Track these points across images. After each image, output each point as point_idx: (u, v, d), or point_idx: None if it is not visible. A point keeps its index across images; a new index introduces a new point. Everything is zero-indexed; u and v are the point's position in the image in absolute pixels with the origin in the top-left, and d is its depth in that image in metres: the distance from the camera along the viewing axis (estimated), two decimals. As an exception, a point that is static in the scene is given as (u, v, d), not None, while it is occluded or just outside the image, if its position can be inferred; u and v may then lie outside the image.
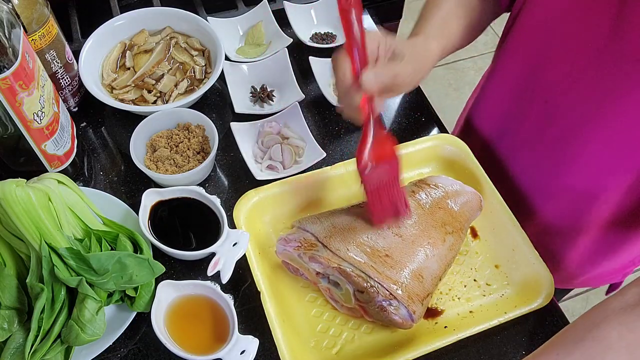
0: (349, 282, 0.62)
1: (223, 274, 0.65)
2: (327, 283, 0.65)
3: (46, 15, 0.73)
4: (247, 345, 0.61)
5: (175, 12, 0.90)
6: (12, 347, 0.58)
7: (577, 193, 0.74)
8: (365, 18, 1.03)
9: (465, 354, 0.66)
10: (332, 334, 0.66)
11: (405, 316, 0.61)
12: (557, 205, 0.78)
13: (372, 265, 0.61)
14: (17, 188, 0.57)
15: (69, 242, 0.60)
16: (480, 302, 0.69)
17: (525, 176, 0.81)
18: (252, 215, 0.72)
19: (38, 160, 0.71)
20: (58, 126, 0.70)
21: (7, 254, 0.61)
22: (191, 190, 0.70)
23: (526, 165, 0.80)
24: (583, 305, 1.74)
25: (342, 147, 0.84)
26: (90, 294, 0.58)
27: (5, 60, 0.59)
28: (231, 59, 0.90)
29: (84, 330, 0.57)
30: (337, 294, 0.65)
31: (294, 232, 0.66)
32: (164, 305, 0.63)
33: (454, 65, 2.27)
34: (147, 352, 0.64)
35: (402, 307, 0.60)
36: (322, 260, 0.62)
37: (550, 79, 0.69)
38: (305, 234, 0.65)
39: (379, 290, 0.60)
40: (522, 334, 0.67)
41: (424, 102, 0.91)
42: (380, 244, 0.63)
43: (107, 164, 0.80)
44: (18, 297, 0.60)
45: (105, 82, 0.84)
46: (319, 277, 0.65)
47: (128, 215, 0.70)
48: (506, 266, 0.71)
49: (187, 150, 0.75)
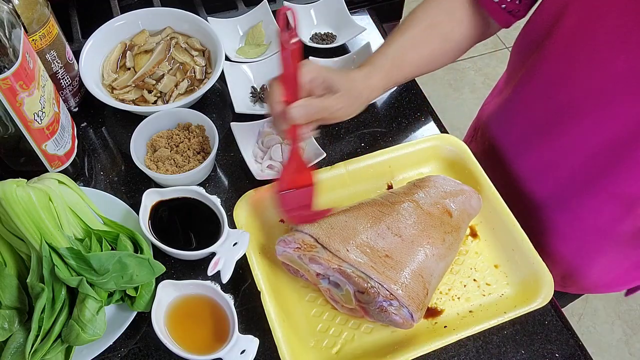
0: (349, 282, 0.62)
1: (223, 274, 0.65)
2: (328, 284, 0.65)
3: (47, 15, 0.73)
4: (247, 344, 0.61)
5: (176, 12, 0.90)
6: (13, 347, 0.58)
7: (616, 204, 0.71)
8: (364, 18, 1.03)
9: (465, 353, 0.66)
10: (332, 334, 0.66)
11: (405, 316, 0.61)
12: (586, 222, 0.76)
13: (372, 266, 0.61)
14: (18, 188, 0.57)
15: (70, 242, 0.60)
16: (480, 302, 0.69)
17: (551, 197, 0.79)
18: (252, 215, 0.72)
19: (38, 160, 0.71)
20: (58, 126, 0.70)
21: (7, 253, 0.61)
22: (191, 190, 0.70)
23: (562, 177, 0.75)
24: (583, 305, 1.74)
25: (342, 147, 0.84)
26: (91, 293, 0.58)
27: (6, 61, 0.59)
28: (231, 59, 0.90)
29: (84, 330, 0.57)
30: (338, 294, 0.65)
31: (293, 234, 0.66)
32: (164, 305, 0.63)
33: (453, 66, 2.27)
34: (148, 352, 0.64)
35: (403, 307, 0.61)
36: (322, 262, 0.62)
37: (601, 86, 0.64)
38: (305, 235, 0.65)
39: (380, 291, 0.60)
40: (522, 334, 0.67)
41: (424, 102, 0.91)
42: (380, 244, 0.63)
43: (108, 164, 0.80)
44: (18, 297, 0.60)
45: (106, 82, 0.84)
46: (319, 278, 0.65)
47: (128, 215, 0.71)
48: (506, 266, 0.71)
49: (188, 150, 0.75)
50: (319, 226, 0.65)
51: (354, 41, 0.97)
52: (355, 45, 0.96)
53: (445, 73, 2.27)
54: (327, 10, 0.99)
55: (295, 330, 0.65)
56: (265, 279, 0.66)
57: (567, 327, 0.68)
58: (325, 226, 0.65)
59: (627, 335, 1.69)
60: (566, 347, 0.67)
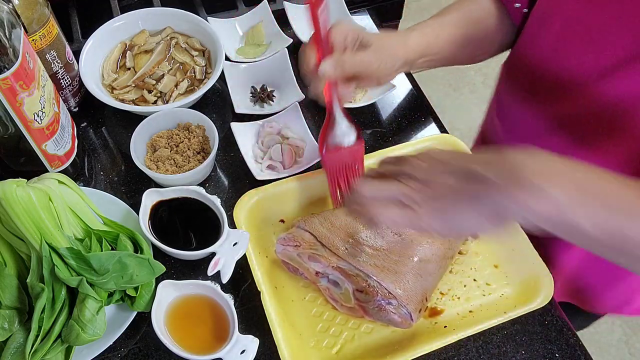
0: (348, 281, 0.62)
1: (223, 274, 0.65)
2: (327, 282, 0.65)
3: (47, 15, 0.73)
4: (247, 344, 0.61)
5: (176, 12, 0.90)
6: (13, 347, 0.58)
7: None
8: (364, 18, 1.03)
9: (465, 353, 0.66)
10: (332, 334, 0.66)
11: (404, 315, 0.61)
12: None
13: (372, 265, 0.61)
14: (18, 188, 0.57)
15: (70, 242, 0.60)
16: (480, 302, 0.69)
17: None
18: (252, 215, 0.72)
19: (38, 160, 0.71)
20: (58, 126, 0.70)
21: (7, 253, 0.61)
22: (191, 190, 0.70)
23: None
24: (583, 305, 1.74)
25: (342, 147, 0.84)
26: (91, 293, 0.58)
27: (6, 61, 0.59)
28: (231, 59, 0.90)
29: (84, 330, 0.57)
30: (337, 293, 0.65)
31: (293, 232, 0.66)
32: (164, 305, 0.63)
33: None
34: (148, 352, 0.64)
35: (402, 306, 0.61)
36: (322, 260, 0.62)
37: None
38: (305, 233, 0.65)
39: (378, 290, 0.60)
40: (522, 334, 0.67)
41: (424, 102, 0.91)
42: (379, 243, 0.63)
43: (108, 164, 0.80)
44: (18, 297, 0.60)
45: (106, 82, 0.84)
46: (318, 276, 0.65)
47: (128, 215, 0.71)
48: (506, 266, 0.71)
49: (187, 150, 0.75)
50: (319, 224, 0.65)
51: (354, 41, 0.97)
52: (355, 45, 0.96)
53: (446, 73, 2.27)
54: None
55: (295, 330, 0.65)
56: (265, 279, 0.66)
57: (567, 327, 0.68)
58: (325, 224, 0.65)
59: (627, 335, 1.69)
60: (566, 347, 0.67)
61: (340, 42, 0.63)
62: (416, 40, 0.69)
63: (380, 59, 0.65)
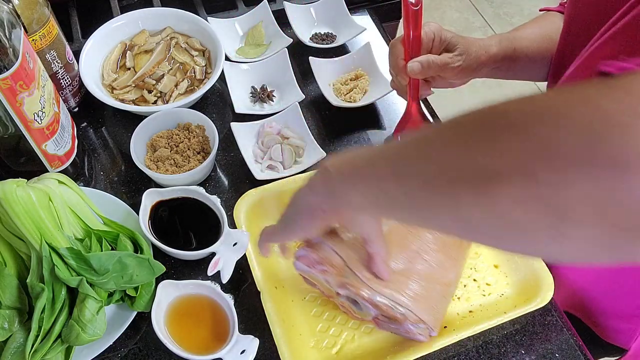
0: (374, 308, 0.59)
1: (223, 274, 0.65)
2: (346, 300, 0.61)
3: (47, 15, 0.73)
4: (247, 344, 0.61)
5: (176, 12, 0.90)
6: (13, 347, 0.58)
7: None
8: (364, 18, 1.03)
9: (465, 354, 0.66)
10: (332, 334, 0.66)
11: (429, 334, 0.61)
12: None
13: (405, 295, 0.58)
14: (18, 188, 0.57)
15: (70, 242, 0.60)
16: (480, 302, 0.69)
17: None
18: (252, 215, 0.72)
19: (38, 160, 0.71)
20: (58, 126, 0.70)
21: (7, 253, 0.61)
22: (191, 190, 0.70)
23: None
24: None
25: (342, 147, 0.84)
26: (91, 293, 0.58)
27: (6, 61, 0.59)
28: (231, 59, 0.90)
29: (84, 330, 0.57)
30: (353, 309, 0.62)
31: (319, 251, 0.59)
32: (164, 305, 0.63)
33: (454, 66, 2.27)
34: (148, 352, 0.64)
35: (429, 329, 0.60)
36: (351, 289, 0.58)
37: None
38: (333, 254, 0.59)
39: (408, 316, 0.58)
40: (522, 334, 0.67)
41: (424, 102, 0.91)
42: (411, 270, 0.60)
43: (108, 164, 0.80)
44: (19, 297, 0.60)
45: (106, 82, 0.84)
46: (338, 296, 0.61)
47: (128, 215, 0.71)
48: (506, 266, 0.71)
49: (187, 150, 0.75)
50: (351, 248, 0.59)
51: (354, 41, 0.97)
52: (355, 45, 0.96)
53: (445, 73, 2.26)
54: (327, 10, 0.99)
55: (295, 330, 0.65)
56: (265, 279, 0.66)
57: (567, 327, 0.68)
58: (355, 247, 0.59)
59: (627, 335, 1.69)
60: (566, 347, 0.67)
61: (429, 44, 0.69)
62: (496, 46, 0.73)
63: (465, 62, 0.69)
